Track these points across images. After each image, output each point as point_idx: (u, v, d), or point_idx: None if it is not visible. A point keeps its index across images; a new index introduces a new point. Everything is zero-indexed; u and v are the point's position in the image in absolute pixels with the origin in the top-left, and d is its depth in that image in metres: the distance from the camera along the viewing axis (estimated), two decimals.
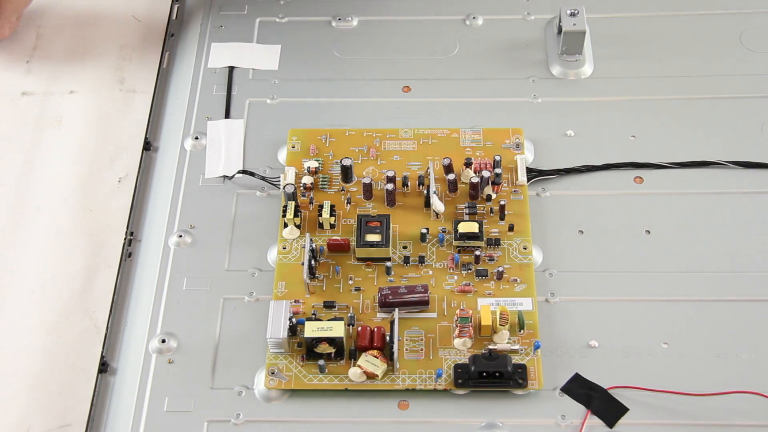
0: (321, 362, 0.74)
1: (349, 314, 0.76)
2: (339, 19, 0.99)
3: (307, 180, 0.85)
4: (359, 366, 0.73)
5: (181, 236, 0.83)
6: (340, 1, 1.01)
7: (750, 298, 0.79)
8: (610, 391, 0.74)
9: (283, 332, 0.73)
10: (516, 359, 0.74)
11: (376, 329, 0.75)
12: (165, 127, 0.93)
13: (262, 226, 0.84)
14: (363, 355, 0.74)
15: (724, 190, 0.85)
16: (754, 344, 0.76)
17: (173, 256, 0.83)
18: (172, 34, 1.01)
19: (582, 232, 0.83)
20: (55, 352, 0.88)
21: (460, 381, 0.73)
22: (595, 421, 0.73)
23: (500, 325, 0.74)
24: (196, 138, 0.90)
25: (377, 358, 0.74)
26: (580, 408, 0.74)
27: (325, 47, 0.97)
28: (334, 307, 0.78)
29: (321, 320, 0.75)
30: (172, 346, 0.78)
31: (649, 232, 0.83)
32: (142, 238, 0.85)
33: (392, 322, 0.74)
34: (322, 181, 0.85)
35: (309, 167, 0.85)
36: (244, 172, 0.87)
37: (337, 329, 0.73)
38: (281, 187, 0.84)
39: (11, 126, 1.06)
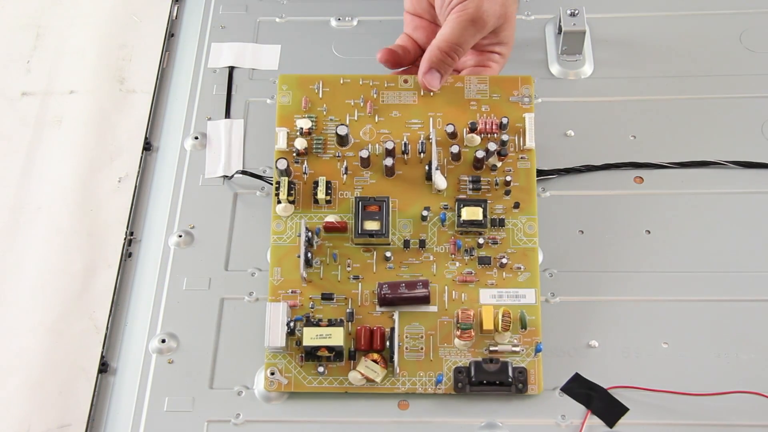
0: (320, 369, 0.73)
1: (348, 309, 0.75)
2: (339, 19, 0.99)
3: (300, 144, 0.79)
4: (359, 371, 0.73)
5: (181, 236, 0.83)
6: (340, 1, 1.01)
7: (750, 298, 0.79)
8: (610, 391, 0.74)
9: (281, 340, 0.72)
10: (517, 359, 0.74)
11: (376, 329, 0.74)
12: (165, 127, 0.93)
13: (262, 226, 0.84)
14: (363, 359, 0.73)
15: (724, 190, 0.85)
16: (754, 344, 0.76)
17: (173, 256, 0.83)
18: (172, 34, 1.00)
19: (582, 232, 0.83)
20: (55, 352, 0.88)
21: (459, 385, 0.73)
22: (595, 421, 0.73)
23: (502, 329, 0.73)
24: (196, 138, 0.90)
25: (377, 363, 0.73)
26: (580, 408, 0.74)
27: (325, 47, 0.97)
28: (333, 299, 0.76)
29: (320, 326, 0.73)
30: (172, 346, 0.78)
31: (649, 232, 0.83)
32: (142, 238, 0.85)
33: (392, 329, 0.73)
34: (315, 144, 0.80)
35: (302, 128, 0.79)
36: (243, 172, 0.87)
37: (336, 337, 0.72)
38: (274, 164, 0.79)
39: (11, 126, 1.06)
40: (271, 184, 0.86)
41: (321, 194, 0.77)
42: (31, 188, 1.00)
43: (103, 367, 0.78)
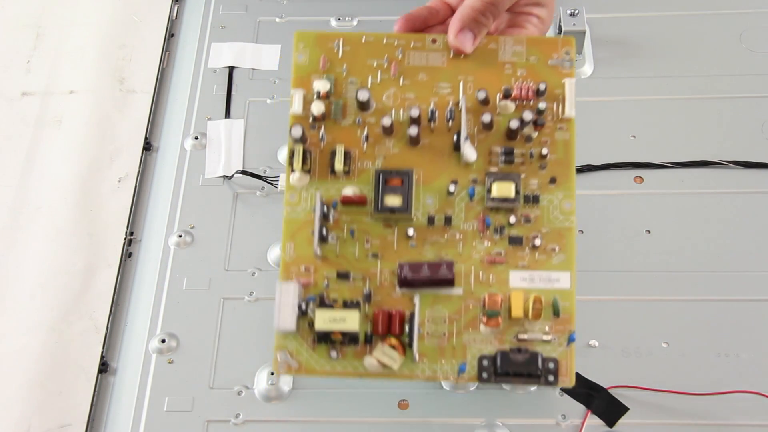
0: (333, 354, 0.67)
1: (365, 290, 0.68)
2: (339, 19, 0.99)
3: (317, 109, 0.70)
4: (376, 358, 0.67)
5: (181, 236, 0.84)
6: (340, 1, 1.01)
7: (750, 298, 0.79)
8: (610, 391, 0.74)
9: (291, 324, 0.66)
10: (547, 349, 0.67)
11: (395, 313, 0.67)
12: (165, 127, 0.93)
13: (262, 226, 0.84)
14: (380, 345, 0.67)
15: (724, 190, 0.85)
16: (754, 344, 0.76)
17: (173, 256, 0.83)
18: (172, 34, 1.01)
19: (582, 232, 0.83)
20: (55, 352, 0.88)
21: (484, 375, 0.67)
22: (595, 421, 0.73)
23: (533, 317, 0.67)
24: (196, 138, 0.90)
25: (395, 349, 0.67)
26: (581, 408, 0.74)
27: None
28: (349, 278, 0.68)
29: (333, 307, 0.67)
30: (172, 346, 0.78)
31: (649, 232, 0.83)
32: (142, 238, 0.85)
33: (412, 314, 0.67)
34: (334, 108, 0.71)
35: (319, 91, 0.71)
36: (243, 172, 0.87)
37: (351, 321, 0.66)
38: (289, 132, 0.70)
39: (11, 126, 1.06)
40: (272, 184, 0.86)
41: (339, 165, 0.69)
42: (31, 188, 1.00)
43: (103, 367, 0.78)
